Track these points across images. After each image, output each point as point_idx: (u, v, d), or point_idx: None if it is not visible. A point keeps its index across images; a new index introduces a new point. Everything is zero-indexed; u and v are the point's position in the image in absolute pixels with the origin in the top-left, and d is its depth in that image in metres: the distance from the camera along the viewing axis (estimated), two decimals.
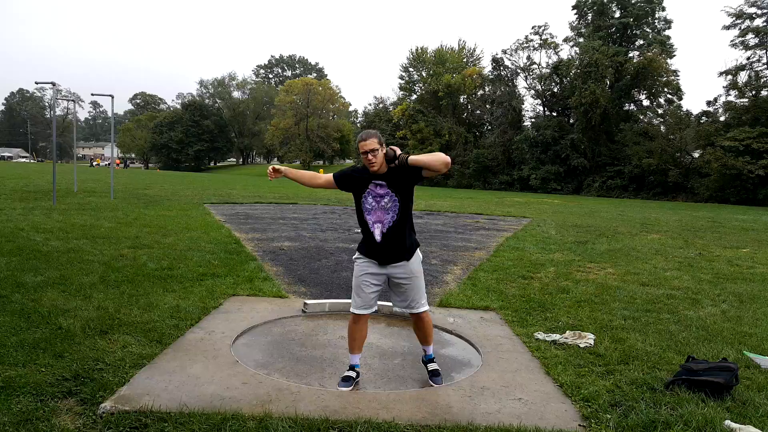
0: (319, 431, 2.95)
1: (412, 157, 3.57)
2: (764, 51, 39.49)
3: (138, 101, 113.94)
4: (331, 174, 3.84)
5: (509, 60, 53.76)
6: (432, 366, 3.89)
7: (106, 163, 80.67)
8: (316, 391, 3.49)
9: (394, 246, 3.68)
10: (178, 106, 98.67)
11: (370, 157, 3.56)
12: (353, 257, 3.85)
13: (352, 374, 3.71)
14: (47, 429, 2.82)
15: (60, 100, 79.65)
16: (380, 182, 3.65)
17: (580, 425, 3.20)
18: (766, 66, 39.82)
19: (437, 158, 3.53)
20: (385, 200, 3.65)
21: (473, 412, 3.30)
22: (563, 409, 3.42)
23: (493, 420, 3.20)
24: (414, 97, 62.03)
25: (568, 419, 3.28)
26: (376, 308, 3.78)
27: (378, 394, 3.55)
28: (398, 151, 3.62)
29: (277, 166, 3.73)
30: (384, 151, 3.59)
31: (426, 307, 3.85)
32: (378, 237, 3.66)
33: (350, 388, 3.62)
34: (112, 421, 2.93)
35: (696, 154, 41.19)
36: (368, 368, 4.06)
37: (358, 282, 3.74)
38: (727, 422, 3.23)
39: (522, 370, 4.07)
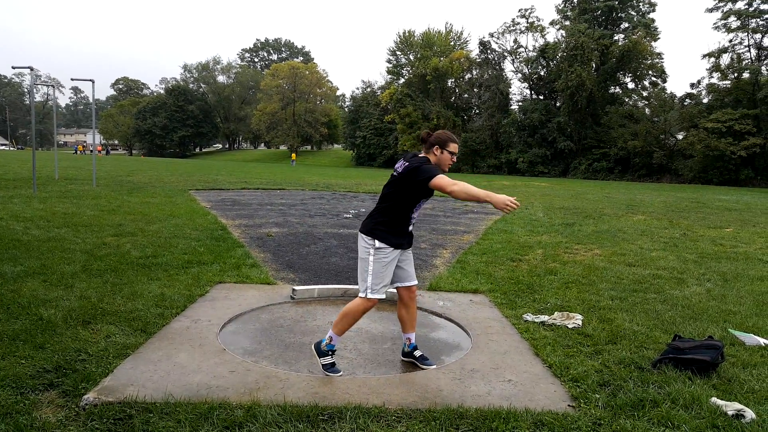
0: (308, 417, 2.91)
1: None
2: (746, 34, 39.75)
3: (120, 86, 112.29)
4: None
5: (496, 43, 53.74)
6: (418, 352, 3.87)
7: (89, 150, 79.52)
8: (305, 378, 3.45)
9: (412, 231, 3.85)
10: (162, 91, 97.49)
11: (454, 159, 3.69)
12: (376, 247, 3.60)
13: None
14: (28, 422, 2.75)
15: (39, 86, 78.36)
16: None
17: (569, 405, 3.20)
18: (747, 48, 40.12)
19: None
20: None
21: (463, 395, 3.29)
22: (552, 389, 3.42)
23: (483, 402, 3.18)
24: (402, 80, 61.75)
25: (557, 400, 3.27)
26: None
27: (368, 378, 3.52)
28: None
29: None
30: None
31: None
32: (411, 227, 3.78)
33: (340, 373, 3.60)
34: (95, 413, 2.86)
35: (680, 136, 41.58)
36: (358, 353, 4.03)
37: (387, 270, 3.63)
38: (714, 399, 3.25)
39: (511, 352, 4.07)
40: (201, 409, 2.93)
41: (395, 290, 3.86)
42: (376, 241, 3.61)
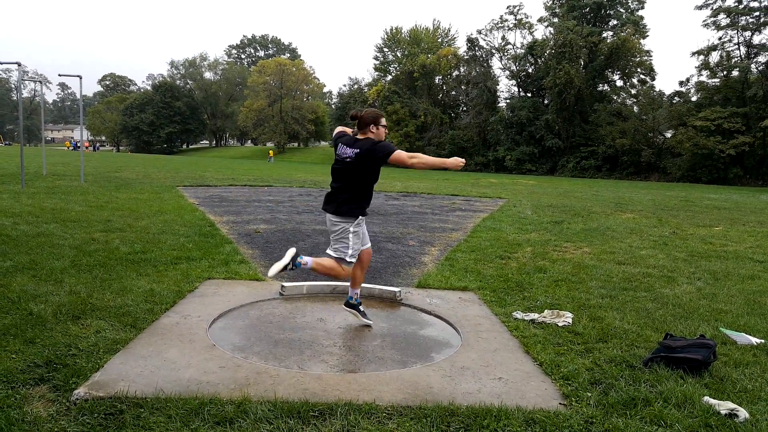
0: (299, 414, 2.90)
1: None
2: (735, 31, 40.02)
3: (107, 83, 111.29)
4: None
5: (484, 40, 53.80)
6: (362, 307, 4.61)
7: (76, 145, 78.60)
8: (295, 374, 3.43)
9: None
10: (149, 88, 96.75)
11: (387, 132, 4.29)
12: (357, 221, 4.24)
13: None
14: (19, 417, 2.72)
15: (26, 82, 77.33)
16: None
17: (560, 404, 3.20)
18: (737, 46, 40.42)
19: None
20: None
21: (454, 392, 3.28)
22: (543, 387, 3.42)
23: (473, 400, 3.18)
24: (389, 78, 61.71)
25: (548, 398, 3.28)
26: None
27: (358, 375, 3.51)
28: None
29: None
30: None
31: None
32: None
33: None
34: (86, 408, 2.83)
35: (668, 134, 41.83)
36: (348, 350, 4.02)
37: (361, 237, 4.35)
38: (706, 399, 3.25)
39: (501, 350, 4.07)
40: (192, 404, 2.91)
41: (386, 289, 4.06)
42: (358, 218, 4.24)
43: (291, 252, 4.12)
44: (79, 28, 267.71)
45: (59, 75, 32.03)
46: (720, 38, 40.83)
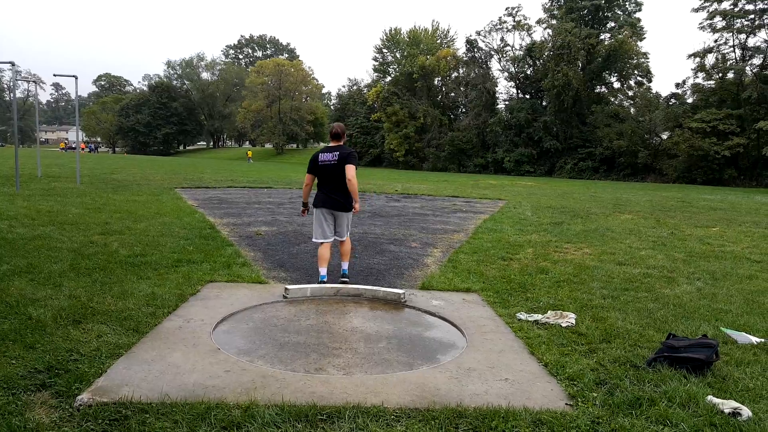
0: (306, 417, 2.88)
1: None
2: (731, 34, 40.14)
3: (102, 83, 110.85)
4: None
5: (483, 42, 53.76)
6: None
7: (72, 146, 78.27)
8: (301, 378, 3.42)
9: None
10: (145, 88, 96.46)
11: None
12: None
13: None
14: (21, 424, 2.69)
15: (20, 82, 77.08)
16: None
17: (567, 404, 3.20)
18: (732, 48, 40.54)
19: None
20: None
21: (461, 394, 3.27)
22: (549, 388, 3.42)
23: (481, 401, 3.17)
24: (388, 79, 61.65)
25: (554, 398, 3.27)
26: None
27: (365, 378, 3.49)
28: None
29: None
30: None
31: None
32: None
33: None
34: (90, 414, 2.81)
35: (664, 136, 41.91)
36: (354, 353, 4.00)
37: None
38: (710, 398, 3.27)
39: (506, 351, 4.06)
40: (198, 409, 2.89)
41: (391, 291, 4.06)
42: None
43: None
44: (73, 28, 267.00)
45: (54, 75, 31.67)
46: (716, 41, 40.90)
